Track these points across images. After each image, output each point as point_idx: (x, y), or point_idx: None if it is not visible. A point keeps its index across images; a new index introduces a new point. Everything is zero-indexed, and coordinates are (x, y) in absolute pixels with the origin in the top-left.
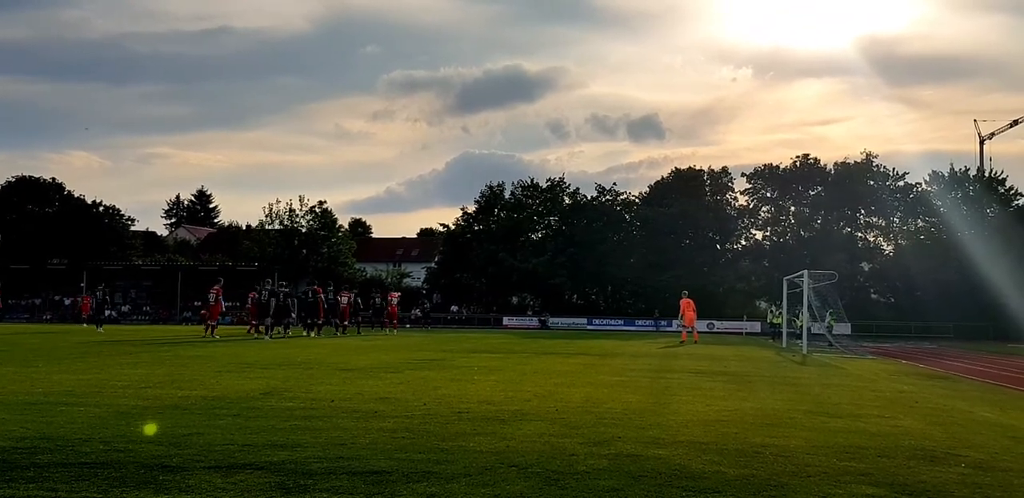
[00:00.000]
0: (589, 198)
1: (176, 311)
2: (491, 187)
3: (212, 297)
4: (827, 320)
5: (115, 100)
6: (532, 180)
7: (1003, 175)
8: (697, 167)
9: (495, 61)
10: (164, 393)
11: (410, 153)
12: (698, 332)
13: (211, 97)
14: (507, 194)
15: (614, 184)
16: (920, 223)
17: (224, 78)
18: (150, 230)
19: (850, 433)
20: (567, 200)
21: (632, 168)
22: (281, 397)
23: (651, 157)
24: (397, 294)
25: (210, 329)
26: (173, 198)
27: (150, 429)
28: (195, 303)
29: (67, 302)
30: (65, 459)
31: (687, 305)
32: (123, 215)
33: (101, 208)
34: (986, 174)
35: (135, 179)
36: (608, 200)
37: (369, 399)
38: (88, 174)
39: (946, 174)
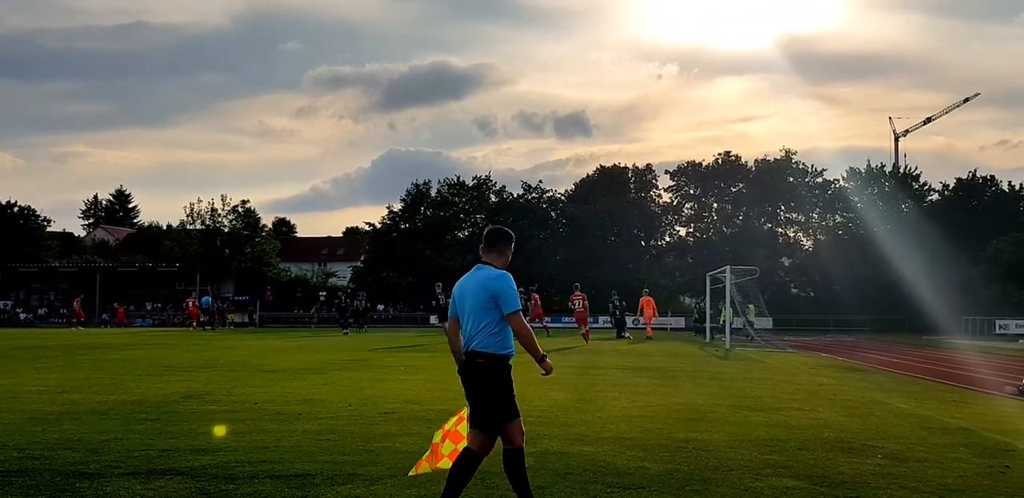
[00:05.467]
0: (515, 196)
1: (95, 313)
2: (417, 185)
3: None
4: (747, 315)
5: (28, 97)
6: (458, 178)
7: (917, 171)
8: (622, 165)
9: (422, 57)
10: (81, 398)
11: (335, 151)
12: (628, 329)
13: (129, 94)
14: (433, 192)
15: (540, 182)
16: (838, 219)
17: (142, 75)
18: (67, 231)
19: (771, 426)
20: (493, 198)
21: (559, 165)
22: (203, 400)
23: (578, 154)
24: None
25: None
26: (91, 198)
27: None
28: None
29: None
30: None
31: (647, 303)
32: (39, 216)
33: (16, 209)
34: (901, 170)
35: (51, 179)
36: (534, 198)
37: (293, 401)
38: (1, 173)
39: (863, 170)
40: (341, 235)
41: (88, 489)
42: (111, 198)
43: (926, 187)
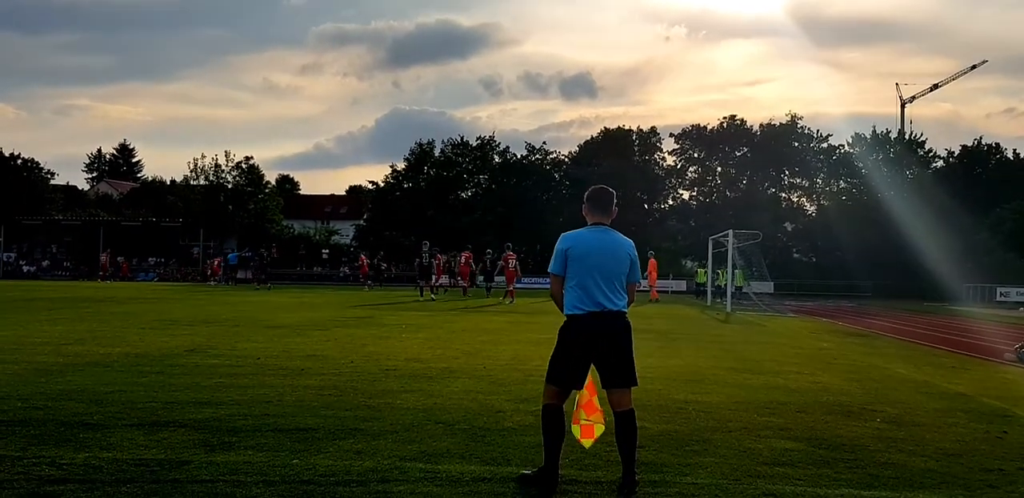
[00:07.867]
0: (519, 157)
1: (98, 267)
2: (421, 145)
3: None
4: (737, 278)
5: (30, 49)
6: (462, 138)
7: (923, 137)
8: (626, 127)
9: (427, 15)
10: (85, 350)
11: (340, 108)
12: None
13: (131, 48)
14: (437, 152)
15: (544, 143)
16: (842, 184)
17: (145, 28)
18: (71, 184)
19: (771, 389)
20: (497, 159)
21: (563, 127)
22: (206, 354)
23: (582, 116)
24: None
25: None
26: (94, 151)
27: None
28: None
29: None
30: None
31: (652, 266)
32: (42, 168)
33: (20, 161)
34: (907, 136)
35: (54, 131)
36: (538, 159)
37: (296, 356)
38: (3, 125)
39: (868, 136)
40: (344, 193)
41: (92, 439)
42: (115, 152)
43: (931, 154)
